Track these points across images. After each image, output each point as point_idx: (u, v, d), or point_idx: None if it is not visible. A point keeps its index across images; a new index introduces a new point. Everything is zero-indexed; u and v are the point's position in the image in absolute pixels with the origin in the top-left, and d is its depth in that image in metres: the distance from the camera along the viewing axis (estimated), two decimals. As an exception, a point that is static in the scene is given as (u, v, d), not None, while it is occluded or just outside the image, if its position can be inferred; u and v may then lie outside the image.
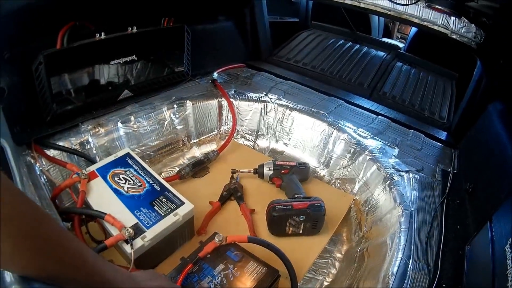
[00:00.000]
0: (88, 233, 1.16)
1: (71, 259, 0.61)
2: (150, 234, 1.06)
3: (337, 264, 1.28)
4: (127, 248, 1.02)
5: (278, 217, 1.25)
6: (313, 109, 1.73)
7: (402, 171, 1.38)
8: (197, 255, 1.07)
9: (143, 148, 1.58)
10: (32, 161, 1.26)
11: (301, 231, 1.28)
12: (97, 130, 1.46)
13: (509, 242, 0.83)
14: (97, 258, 0.68)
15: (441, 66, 2.40)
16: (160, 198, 1.19)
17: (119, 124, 1.51)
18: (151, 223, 1.10)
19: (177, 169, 1.57)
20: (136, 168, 1.30)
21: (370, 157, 1.47)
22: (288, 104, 1.77)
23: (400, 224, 1.17)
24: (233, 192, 1.45)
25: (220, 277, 1.03)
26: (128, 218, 1.10)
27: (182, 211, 1.15)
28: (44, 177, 1.26)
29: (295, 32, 2.65)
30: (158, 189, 1.22)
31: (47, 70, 1.32)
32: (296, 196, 1.35)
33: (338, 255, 1.31)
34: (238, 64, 2.16)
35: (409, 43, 3.03)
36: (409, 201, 1.25)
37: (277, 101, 1.79)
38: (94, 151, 1.45)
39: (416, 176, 1.37)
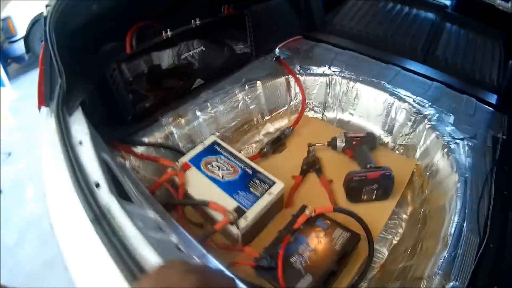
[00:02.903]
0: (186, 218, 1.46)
1: None
2: (251, 214, 1.36)
3: (403, 224, 1.56)
4: (233, 229, 1.33)
5: (355, 187, 1.55)
6: (374, 80, 1.95)
7: (458, 139, 1.61)
8: (292, 227, 1.38)
9: (222, 130, 1.87)
10: (123, 160, 1.51)
11: (373, 197, 1.58)
12: (178, 121, 1.72)
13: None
14: None
15: (488, 23, 2.51)
16: (254, 180, 1.48)
17: (198, 113, 1.79)
18: (250, 204, 1.39)
19: (254, 145, 1.89)
20: (225, 154, 1.59)
21: (429, 125, 1.71)
22: (351, 76, 1.99)
23: (457, 189, 1.41)
24: (311, 165, 1.74)
25: (312, 243, 1.35)
26: (228, 202, 1.39)
27: (275, 189, 1.45)
28: (135, 174, 1.52)
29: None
30: (250, 172, 1.51)
31: (122, 74, 1.56)
32: (368, 166, 1.63)
33: (404, 216, 1.59)
34: (295, 37, 2.36)
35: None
36: (464, 167, 1.48)
37: (340, 74, 2.02)
38: (179, 142, 1.72)
39: (469, 143, 1.59)
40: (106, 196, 0.98)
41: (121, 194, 1.03)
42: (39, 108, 1.41)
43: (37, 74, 1.40)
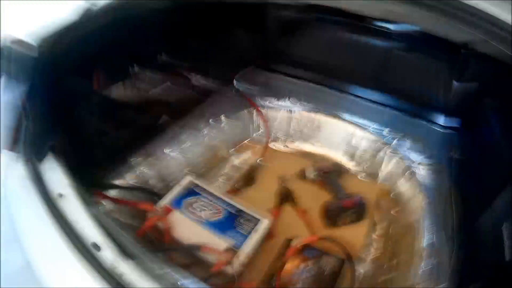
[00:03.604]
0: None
1: None
2: (243, 252, 1.42)
3: (375, 243, 1.67)
4: (229, 269, 1.37)
5: (332, 215, 1.69)
6: (333, 110, 2.05)
7: (417, 161, 1.76)
8: (282, 260, 1.47)
9: (192, 167, 1.88)
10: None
11: (348, 222, 1.69)
12: (148, 160, 1.72)
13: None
14: None
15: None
16: (239, 219, 1.52)
17: (166, 150, 1.80)
18: (239, 243, 1.44)
19: (221, 179, 1.93)
20: (205, 195, 1.61)
21: (389, 151, 1.85)
22: (311, 108, 2.09)
23: (423, 208, 1.58)
24: (285, 198, 1.81)
25: (304, 273, 1.44)
26: (218, 243, 1.42)
27: (261, 227, 1.51)
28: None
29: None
30: (234, 212, 1.55)
31: (89, 113, 1.56)
32: (339, 194, 1.76)
33: (374, 236, 1.70)
34: (250, 67, 2.41)
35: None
36: (426, 188, 1.64)
37: (300, 106, 2.11)
38: (150, 181, 1.71)
39: (427, 164, 1.74)
40: (111, 258, 0.95)
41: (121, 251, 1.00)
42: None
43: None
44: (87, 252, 0.95)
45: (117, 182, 1.61)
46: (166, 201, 1.57)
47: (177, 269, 1.07)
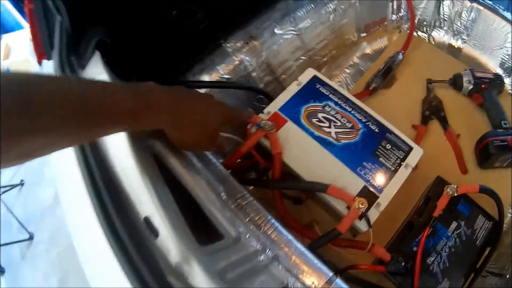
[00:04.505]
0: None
1: None
2: (385, 199, 0.95)
3: None
4: (362, 225, 0.91)
5: (494, 154, 1.26)
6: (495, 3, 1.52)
7: None
8: (430, 214, 1.05)
9: (311, 53, 1.51)
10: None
11: (504, 165, 1.30)
12: (251, 44, 1.32)
13: None
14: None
15: None
16: (383, 144, 1.03)
17: (277, 30, 1.39)
18: (382, 182, 0.98)
19: (348, 71, 1.58)
20: (335, 99, 1.10)
21: None
22: None
23: None
24: (434, 111, 1.41)
25: (453, 238, 1.05)
26: (351, 181, 0.96)
27: (412, 160, 1.03)
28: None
29: None
30: (377, 130, 1.06)
31: None
32: (503, 124, 1.34)
33: None
34: None
35: None
36: None
37: None
38: (253, 75, 1.33)
39: None
40: (175, 249, 0.54)
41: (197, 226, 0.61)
42: (39, 63, 1.01)
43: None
44: (132, 236, 0.56)
45: (205, 77, 1.23)
46: (276, 106, 1.07)
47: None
